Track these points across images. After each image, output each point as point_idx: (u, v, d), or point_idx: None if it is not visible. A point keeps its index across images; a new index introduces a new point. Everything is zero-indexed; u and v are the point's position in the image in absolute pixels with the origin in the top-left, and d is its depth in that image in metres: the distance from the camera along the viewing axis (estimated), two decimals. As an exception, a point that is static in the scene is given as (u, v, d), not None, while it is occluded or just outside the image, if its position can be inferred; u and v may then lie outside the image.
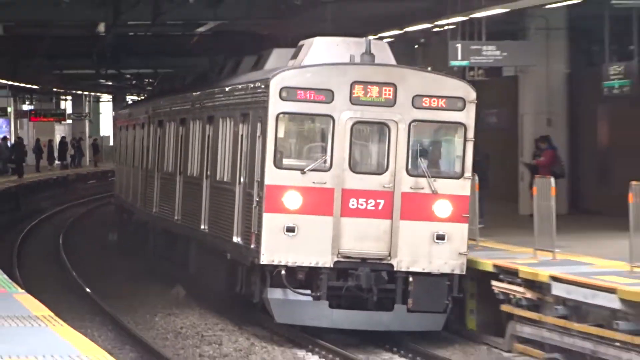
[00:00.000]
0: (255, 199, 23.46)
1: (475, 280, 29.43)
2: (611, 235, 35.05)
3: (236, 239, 26.33)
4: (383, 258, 21.94)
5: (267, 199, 21.58)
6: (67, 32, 58.97)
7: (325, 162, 21.54)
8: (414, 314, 21.94)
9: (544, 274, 25.56)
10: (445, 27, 49.00)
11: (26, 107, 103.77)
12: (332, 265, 21.40)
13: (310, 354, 27.36)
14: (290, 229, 21.38)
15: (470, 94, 22.73)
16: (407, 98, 21.66)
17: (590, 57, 58.30)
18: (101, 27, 54.32)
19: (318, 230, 21.53)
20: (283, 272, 21.73)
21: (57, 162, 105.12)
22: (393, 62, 27.11)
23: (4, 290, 26.04)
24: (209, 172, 32.65)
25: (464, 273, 22.82)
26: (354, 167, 21.97)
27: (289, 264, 21.67)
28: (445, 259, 21.88)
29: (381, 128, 21.97)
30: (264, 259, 21.86)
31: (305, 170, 21.28)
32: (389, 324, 21.94)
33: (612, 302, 22.74)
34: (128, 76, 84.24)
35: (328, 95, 21.47)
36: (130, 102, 76.55)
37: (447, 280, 23.00)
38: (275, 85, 21.64)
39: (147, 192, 46.30)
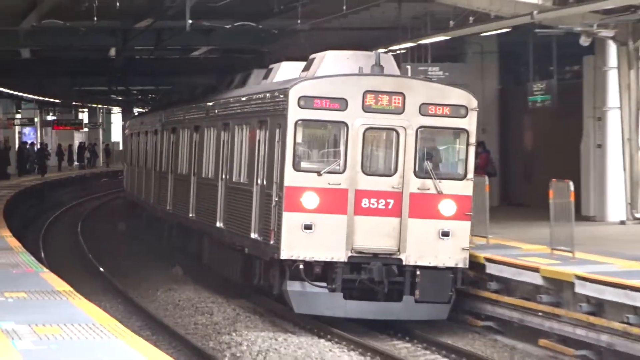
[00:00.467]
0: (275, 199, 22.44)
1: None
2: (535, 223, 35.46)
3: (254, 235, 25.04)
4: (393, 253, 21.04)
5: (286, 199, 20.74)
6: (84, 55, 58.87)
7: (339, 165, 20.87)
8: (421, 304, 21.32)
9: (479, 255, 25.70)
10: (398, 52, 49.72)
11: (50, 117, 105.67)
12: (346, 260, 20.65)
13: (290, 324, 27.07)
14: (308, 227, 20.60)
15: (472, 102, 21.98)
16: (415, 106, 21.02)
17: (518, 77, 60.91)
18: (112, 52, 54.51)
19: (333, 228, 20.72)
20: (301, 266, 20.81)
21: (75, 163, 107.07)
22: (398, 72, 26.62)
23: (32, 270, 26.14)
24: (224, 174, 31.04)
25: (467, 266, 22.08)
26: (366, 170, 21.22)
27: (307, 259, 20.74)
28: (450, 253, 21.23)
29: (391, 133, 21.32)
30: (284, 255, 20.97)
31: (321, 172, 20.63)
32: (398, 313, 21.24)
33: (535, 279, 23.79)
34: (134, 92, 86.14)
35: (342, 103, 20.83)
36: (139, 113, 77.12)
37: (451, 273, 22.14)
38: (294, 95, 20.82)
39: (162, 191, 44.65)
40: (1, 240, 33.35)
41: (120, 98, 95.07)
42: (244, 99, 29.22)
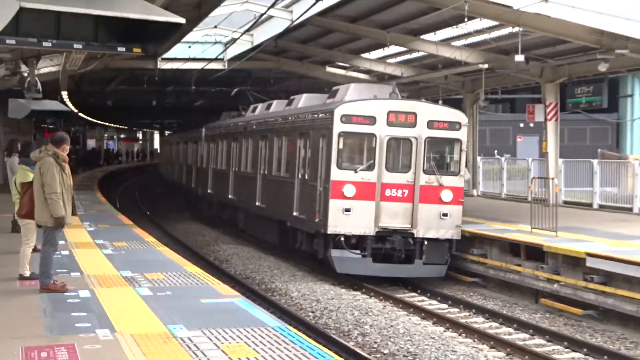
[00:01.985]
0: (320, 189, 22.64)
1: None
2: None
3: (295, 213, 24.99)
4: (407, 229, 21.78)
5: (332, 189, 21.28)
6: (139, 104, 63.45)
7: (370, 164, 21.65)
8: (426, 266, 22.15)
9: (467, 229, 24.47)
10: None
11: (122, 135, 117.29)
12: (374, 234, 21.59)
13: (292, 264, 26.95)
14: (347, 210, 21.21)
15: (464, 120, 23.01)
16: (424, 122, 21.78)
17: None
18: (153, 103, 57.26)
19: (365, 211, 21.51)
20: (342, 238, 21.33)
21: (135, 159, 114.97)
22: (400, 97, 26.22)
23: (111, 213, 29.90)
24: (262, 169, 30.37)
25: (460, 238, 22.64)
26: (388, 168, 21.91)
27: (346, 233, 21.43)
28: (447, 229, 22.06)
29: (406, 142, 22.00)
30: (330, 230, 21.48)
31: (357, 170, 21.49)
32: (411, 272, 22.23)
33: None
34: (165, 123, 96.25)
35: (372, 120, 21.59)
36: (175, 130, 79.60)
37: (447, 243, 22.56)
38: (337, 114, 21.56)
39: (202, 180, 43.53)
40: (97, 198, 36.51)
41: (157, 126, 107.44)
42: (285, 115, 28.95)
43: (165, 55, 35.30)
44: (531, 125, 51.37)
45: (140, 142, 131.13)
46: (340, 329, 17.42)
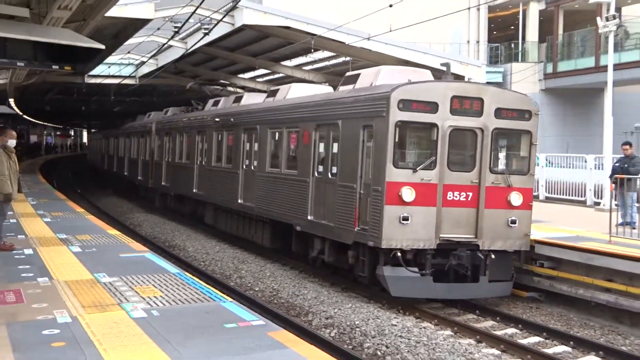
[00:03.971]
0: (360, 191, 14.25)
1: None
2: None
3: (310, 217, 16.10)
4: (472, 240, 14.12)
5: (387, 193, 13.44)
6: (71, 109, 55.38)
7: (431, 162, 13.72)
8: (492, 283, 14.35)
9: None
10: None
11: (58, 132, 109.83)
12: (435, 247, 13.80)
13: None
14: (405, 218, 13.43)
15: (535, 108, 15.03)
16: (491, 110, 14.23)
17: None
18: (82, 108, 50.43)
19: (425, 219, 13.74)
20: (399, 254, 13.45)
21: (68, 150, 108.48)
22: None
23: (50, 191, 25.43)
24: (245, 164, 20.59)
25: (528, 249, 14.82)
26: (451, 166, 14.07)
27: (403, 247, 13.47)
28: (516, 238, 14.36)
29: (471, 134, 14.32)
30: (384, 244, 13.48)
31: (417, 169, 13.50)
32: (477, 292, 14.46)
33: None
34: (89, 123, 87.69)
35: (434, 107, 13.78)
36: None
37: (514, 255, 14.76)
38: (395, 98, 13.48)
39: (149, 171, 31.96)
40: (38, 180, 32.38)
41: (85, 125, 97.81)
42: (283, 109, 18.70)
43: (91, 73, 34.09)
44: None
45: (72, 137, 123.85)
46: (224, 273, 17.30)
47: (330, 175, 15.27)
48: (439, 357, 10.68)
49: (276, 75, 34.03)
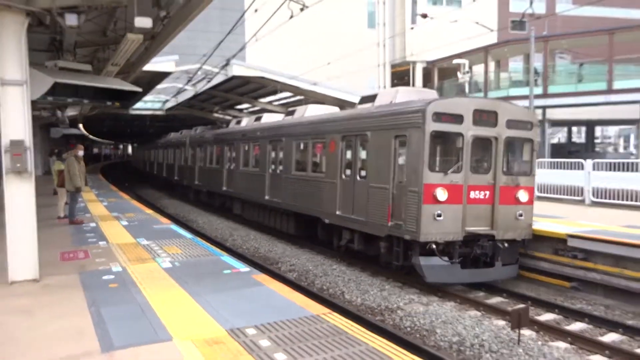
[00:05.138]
0: (393, 191, 11.44)
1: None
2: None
3: (339, 212, 13.03)
4: (490, 232, 11.31)
5: (425, 194, 10.85)
6: (120, 131, 37.08)
7: (459, 166, 11.04)
8: (504, 267, 11.45)
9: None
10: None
11: (111, 146, 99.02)
12: (461, 239, 11.06)
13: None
14: (439, 215, 10.73)
15: (535, 119, 12.22)
16: (503, 121, 11.54)
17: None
18: (128, 130, 44.61)
19: (454, 215, 11.00)
20: (434, 246, 10.81)
21: (117, 158, 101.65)
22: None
23: (106, 184, 24.52)
24: (272, 169, 17.16)
25: (531, 237, 11.74)
26: (472, 169, 11.27)
27: (437, 240, 10.80)
28: (522, 229, 11.62)
29: (488, 141, 11.52)
30: (422, 238, 10.75)
31: (447, 172, 10.89)
32: (493, 275, 11.45)
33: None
34: (132, 140, 72.05)
35: (460, 118, 11.15)
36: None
37: (520, 242, 11.78)
38: (430, 111, 10.91)
39: (186, 173, 27.90)
40: (98, 178, 31.32)
41: (129, 141, 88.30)
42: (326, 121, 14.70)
43: (133, 107, 33.14)
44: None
45: (120, 149, 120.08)
46: (222, 237, 17.02)
47: (358, 177, 12.56)
48: (364, 288, 10.64)
49: (256, 107, 32.88)
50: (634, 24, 40.42)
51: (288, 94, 27.55)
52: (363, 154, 12.86)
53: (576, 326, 8.87)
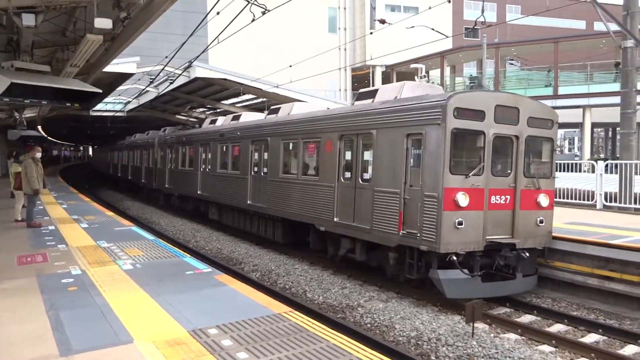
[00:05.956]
0: (405, 197, 9.55)
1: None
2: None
3: (336, 218, 11.22)
4: (511, 240, 9.50)
5: (445, 199, 8.92)
6: (80, 132, 34.41)
7: (480, 168, 9.17)
8: (525, 278, 9.77)
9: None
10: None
11: (71, 148, 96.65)
12: (482, 249, 9.25)
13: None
14: (460, 223, 8.87)
15: (556, 117, 10.51)
16: (525, 118, 9.83)
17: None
18: (88, 132, 33.88)
19: (475, 222, 9.16)
20: (454, 257, 8.95)
21: (78, 160, 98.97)
22: None
23: (66, 186, 23.70)
24: (254, 171, 15.28)
25: (550, 246, 10.23)
26: (493, 172, 9.49)
27: (457, 251, 8.98)
28: (542, 237, 10.03)
29: (509, 141, 9.74)
30: (443, 249, 8.86)
31: (469, 175, 9.04)
32: (515, 288, 9.72)
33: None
34: (93, 141, 70.30)
35: (481, 115, 9.26)
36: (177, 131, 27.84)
37: (540, 251, 10.24)
38: (451, 106, 8.95)
39: (157, 177, 25.11)
40: (57, 179, 29.96)
41: (90, 142, 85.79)
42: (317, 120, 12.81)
43: (94, 108, 32.22)
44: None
45: (81, 151, 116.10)
46: (185, 239, 16.75)
47: (361, 181, 10.86)
48: (326, 287, 10.63)
49: (218, 110, 32.85)
50: (577, 33, 42.77)
51: (251, 96, 27.29)
52: (366, 155, 11.09)
53: (526, 318, 9.09)
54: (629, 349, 7.73)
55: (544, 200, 10.12)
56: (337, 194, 11.45)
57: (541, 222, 10.03)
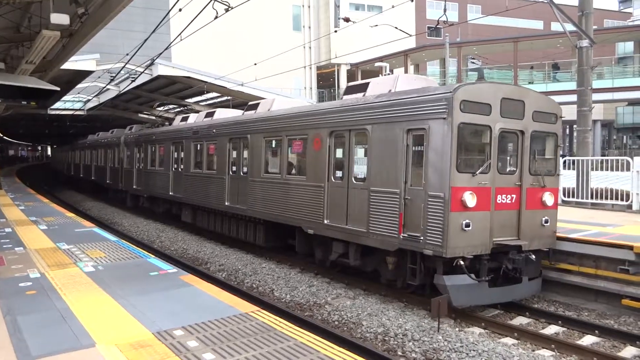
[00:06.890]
0: (406, 197, 8.56)
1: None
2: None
3: (327, 221, 10.28)
4: (517, 242, 8.72)
5: (452, 200, 7.93)
6: (39, 132, 33.72)
7: (487, 165, 8.33)
8: (531, 281, 9.00)
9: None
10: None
11: (29, 148, 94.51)
12: (489, 252, 8.37)
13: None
14: (467, 225, 7.97)
15: (560, 111, 9.56)
16: (530, 112, 8.92)
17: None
18: (46, 131, 32.68)
19: (482, 223, 8.25)
20: (461, 262, 8.13)
21: (36, 160, 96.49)
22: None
23: (23, 187, 23.21)
24: (231, 171, 14.38)
25: (555, 247, 9.43)
26: (499, 169, 8.55)
27: (464, 255, 8.14)
28: (547, 238, 9.23)
29: (514, 136, 8.86)
30: (450, 253, 7.98)
31: (476, 173, 8.12)
32: (522, 292, 9.03)
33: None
34: (52, 141, 70.01)
35: (487, 108, 8.29)
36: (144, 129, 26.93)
37: (542, 253, 9.48)
38: (457, 99, 7.95)
39: (122, 177, 23.89)
40: (14, 180, 29.45)
41: (48, 142, 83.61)
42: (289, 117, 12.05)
43: (52, 107, 31.41)
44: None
45: (39, 151, 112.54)
46: (149, 239, 16.52)
47: (354, 181, 10.02)
48: (293, 285, 10.58)
49: (182, 108, 31.91)
50: (535, 33, 43.56)
51: (215, 94, 27.09)
52: (360, 153, 10.26)
53: (489, 312, 9.30)
54: (587, 339, 8.04)
55: (549, 199, 9.53)
56: (327, 194, 10.62)
57: (546, 222, 9.50)
